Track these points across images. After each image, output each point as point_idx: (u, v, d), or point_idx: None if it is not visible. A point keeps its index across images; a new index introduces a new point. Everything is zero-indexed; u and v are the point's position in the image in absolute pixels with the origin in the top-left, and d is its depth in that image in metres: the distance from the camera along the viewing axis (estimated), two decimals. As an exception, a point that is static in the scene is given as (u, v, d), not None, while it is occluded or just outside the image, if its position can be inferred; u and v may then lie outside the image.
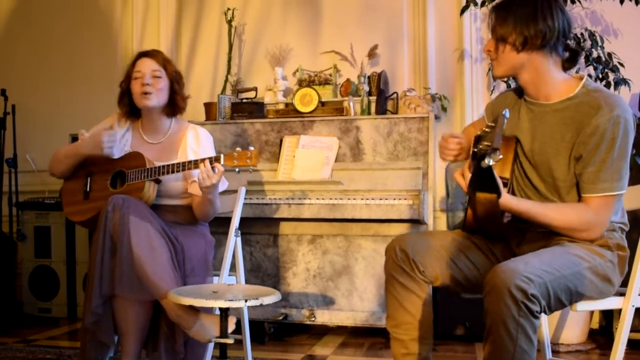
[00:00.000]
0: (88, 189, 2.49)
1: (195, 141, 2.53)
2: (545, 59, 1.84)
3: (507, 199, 1.76)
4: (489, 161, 1.53)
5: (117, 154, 2.48)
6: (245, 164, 2.30)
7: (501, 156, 1.57)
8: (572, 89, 1.85)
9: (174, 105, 2.54)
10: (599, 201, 1.78)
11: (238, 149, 2.33)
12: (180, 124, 2.61)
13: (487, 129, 1.57)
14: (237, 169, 2.32)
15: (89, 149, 2.44)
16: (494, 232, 1.96)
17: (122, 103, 2.56)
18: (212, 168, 2.28)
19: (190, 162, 2.33)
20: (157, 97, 2.48)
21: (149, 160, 2.42)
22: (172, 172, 2.35)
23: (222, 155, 2.30)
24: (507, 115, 1.59)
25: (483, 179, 1.61)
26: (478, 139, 1.60)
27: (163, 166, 2.36)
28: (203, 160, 2.29)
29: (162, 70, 2.49)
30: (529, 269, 1.61)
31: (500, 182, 1.65)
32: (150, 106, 2.47)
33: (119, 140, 2.51)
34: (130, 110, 2.56)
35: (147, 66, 2.48)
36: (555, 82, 1.87)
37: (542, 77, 1.87)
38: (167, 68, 2.51)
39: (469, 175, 1.73)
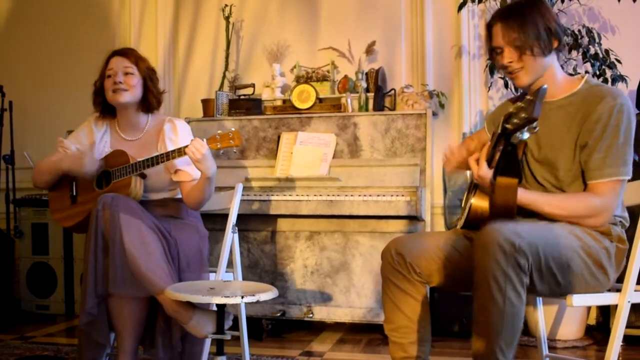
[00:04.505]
0: (74, 193, 2.49)
1: (173, 131, 2.52)
2: (555, 59, 1.91)
3: None
4: (522, 135, 1.54)
5: (97, 156, 2.49)
6: (229, 145, 2.30)
7: (538, 128, 1.56)
8: (575, 85, 1.91)
9: (147, 102, 2.52)
10: (606, 186, 1.81)
11: (219, 131, 2.33)
12: (157, 118, 2.59)
13: (522, 104, 1.58)
14: (221, 151, 2.33)
15: (69, 165, 2.41)
16: None
17: (97, 102, 2.55)
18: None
19: (173, 151, 2.33)
20: (130, 93, 2.46)
21: (132, 157, 2.41)
22: (157, 163, 2.34)
23: (204, 140, 2.30)
24: (546, 89, 1.61)
25: (508, 160, 1.61)
26: (509, 116, 1.59)
27: (147, 159, 2.35)
28: (186, 146, 2.29)
29: (134, 67, 2.48)
30: (520, 227, 1.66)
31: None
32: (122, 102, 2.45)
33: (98, 142, 2.52)
34: (105, 108, 2.55)
35: (119, 64, 2.47)
36: (560, 80, 1.92)
37: (552, 77, 1.91)
38: (140, 65, 2.50)
39: (484, 162, 1.76)
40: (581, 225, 1.82)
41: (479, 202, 1.89)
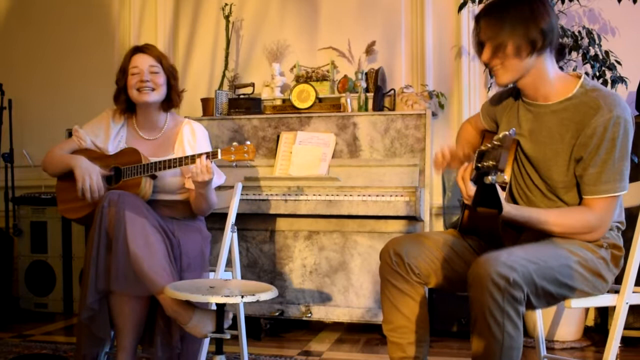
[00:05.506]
0: None
1: (192, 135, 2.53)
2: (546, 59, 1.82)
3: (507, 210, 1.74)
4: (492, 179, 1.52)
5: (111, 151, 2.49)
6: (243, 158, 2.30)
7: (506, 177, 1.53)
8: (570, 88, 1.83)
9: (170, 100, 2.53)
10: (601, 202, 1.77)
11: (235, 143, 2.34)
12: (175, 119, 2.61)
13: (491, 146, 1.54)
14: (234, 164, 2.33)
15: (78, 169, 2.39)
16: (490, 238, 1.95)
17: (119, 100, 2.54)
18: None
19: (187, 157, 2.33)
20: (157, 93, 2.47)
21: (145, 156, 2.41)
22: (169, 167, 2.35)
23: (219, 150, 2.30)
24: (514, 134, 1.56)
25: (485, 195, 1.58)
26: (482, 155, 1.56)
27: (159, 162, 2.35)
28: (200, 155, 2.29)
29: (158, 65, 2.48)
30: (512, 257, 1.62)
31: (502, 197, 1.62)
32: (150, 102, 2.46)
33: (114, 137, 2.52)
34: (127, 106, 2.55)
35: (144, 62, 2.46)
36: (554, 81, 1.84)
37: (543, 78, 1.83)
38: (163, 63, 2.50)
39: (469, 182, 1.72)
40: (577, 240, 1.80)
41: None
